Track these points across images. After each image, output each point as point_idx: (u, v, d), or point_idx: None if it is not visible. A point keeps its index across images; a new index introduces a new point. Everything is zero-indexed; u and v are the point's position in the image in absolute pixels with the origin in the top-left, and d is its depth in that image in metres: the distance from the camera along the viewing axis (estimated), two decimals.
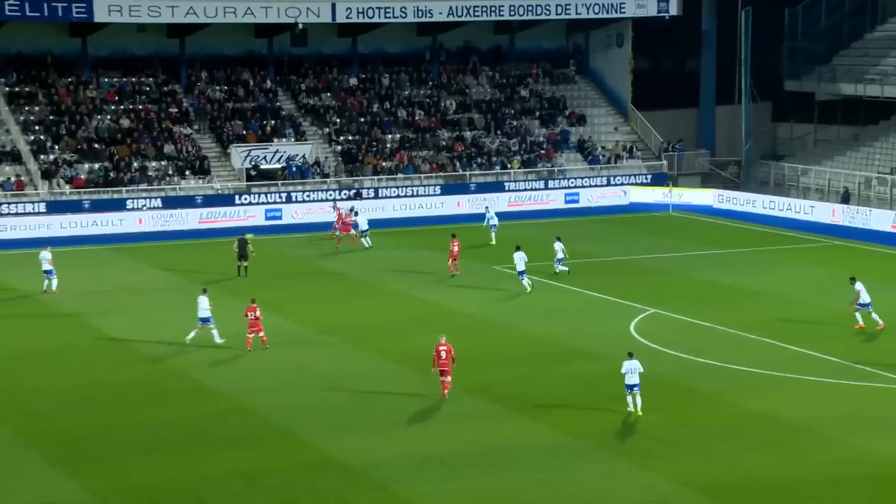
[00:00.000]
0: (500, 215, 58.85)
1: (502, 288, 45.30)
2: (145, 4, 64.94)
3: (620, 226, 63.16)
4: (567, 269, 47.51)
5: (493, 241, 53.99)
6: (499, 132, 74.53)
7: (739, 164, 75.70)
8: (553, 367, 34.59)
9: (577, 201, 70.56)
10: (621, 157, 74.52)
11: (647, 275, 48.83)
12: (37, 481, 25.40)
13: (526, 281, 44.55)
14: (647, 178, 73.18)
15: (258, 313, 35.74)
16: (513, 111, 76.41)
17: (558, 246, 47.53)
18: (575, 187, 71.42)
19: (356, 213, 55.89)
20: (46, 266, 44.35)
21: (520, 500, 24.60)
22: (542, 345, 37.13)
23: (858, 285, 38.13)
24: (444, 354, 30.96)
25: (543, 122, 76.19)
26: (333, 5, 69.05)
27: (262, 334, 35.87)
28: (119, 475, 25.79)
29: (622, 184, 72.25)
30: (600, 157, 74.11)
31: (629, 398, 29.78)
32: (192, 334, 36.23)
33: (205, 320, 36.23)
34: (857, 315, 38.27)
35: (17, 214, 59.96)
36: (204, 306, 36.25)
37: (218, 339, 36.10)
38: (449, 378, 30.95)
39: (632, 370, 29.79)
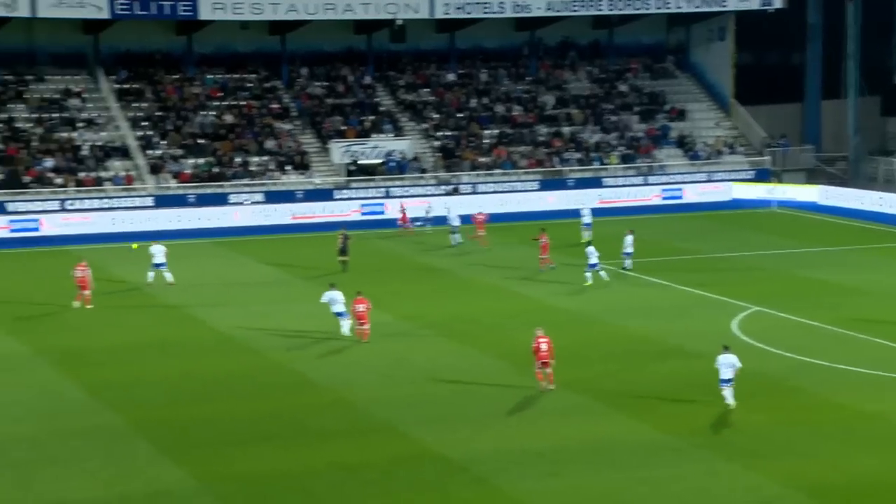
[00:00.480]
0: (598, 212, 58.52)
1: (597, 284, 44.94)
2: (248, 2, 65.95)
3: (722, 222, 62.34)
4: (629, 266, 47.08)
5: (585, 239, 53.24)
6: (597, 127, 74.07)
7: (846, 160, 74.17)
8: (652, 364, 34.26)
9: (677, 197, 69.84)
10: (722, 152, 73.56)
11: (749, 272, 48.12)
12: (147, 469, 25.94)
13: (589, 274, 44.66)
14: (749, 174, 72.11)
15: (363, 307, 36.03)
16: (612, 106, 75.85)
17: (629, 240, 47.16)
18: (675, 183, 70.73)
19: (448, 210, 55.78)
20: (160, 259, 45.19)
21: (621, 498, 24.40)
22: (641, 342, 36.81)
23: None
24: (544, 346, 30.97)
25: (643, 118, 75.52)
26: (432, 2, 69.30)
27: (366, 327, 36.20)
28: (224, 465, 26.22)
29: (724, 180, 71.31)
30: (701, 153, 73.21)
31: (725, 392, 29.38)
32: (346, 328, 36.56)
33: (340, 314, 36.62)
34: None
35: (126, 209, 61.29)
36: (339, 300, 36.60)
37: (347, 332, 36.48)
38: (550, 370, 30.94)
39: (727, 364, 29.37)
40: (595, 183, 69.65)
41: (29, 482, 25.10)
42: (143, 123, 66.92)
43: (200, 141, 66.81)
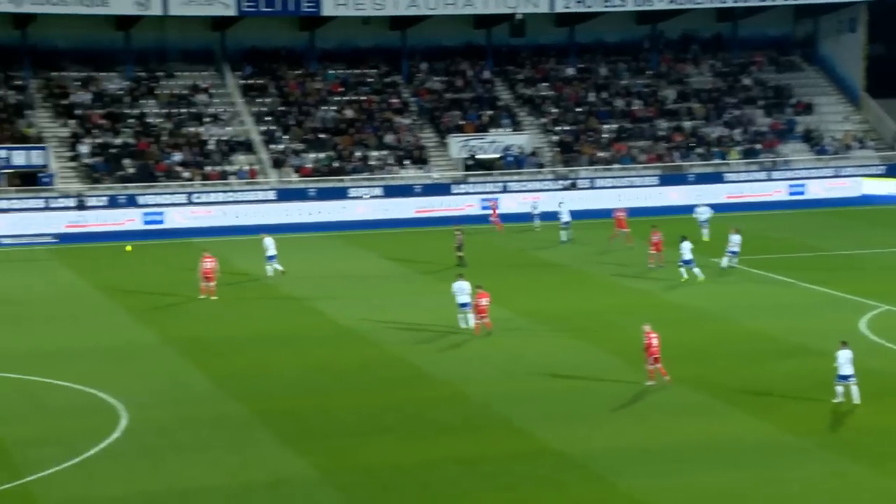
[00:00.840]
0: (718, 207, 57.67)
1: (717, 281, 44.34)
2: None
3: (850, 219, 61.01)
4: (727, 265, 45.95)
5: (706, 238, 52.53)
6: (719, 122, 72.96)
7: None
8: (774, 362, 33.62)
9: (802, 193, 68.45)
10: (851, 147, 71.83)
11: (880, 270, 46.90)
12: (270, 457, 26.44)
13: (683, 270, 44.03)
14: (881, 170, 70.29)
15: (486, 301, 36.12)
16: (735, 100, 74.68)
17: (735, 239, 46.04)
18: (801, 178, 69.34)
19: (560, 203, 55.33)
20: (271, 251, 45.99)
21: (744, 498, 23.93)
22: (762, 339, 36.15)
23: None
24: (655, 341, 30.72)
25: (767, 112, 74.17)
26: None
27: (486, 320, 36.36)
28: (344, 456, 26.57)
29: (852, 175, 69.66)
30: (828, 148, 71.62)
31: (839, 388, 28.72)
32: (470, 322, 36.81)
33: (464, 305, 36.87)
34: None
35: (249, 202, 62.51)
36: (466, 291, 36.85)
37: (472, 324, 36.73)
38: (660, 364, 30.73)
39: (846, 360, 28.69)
40: (716, 178, 68.77)
41: (159, 468, 25.79)
42: (266, 118, 68.14)
43: (321, 136, 67.76)
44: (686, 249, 44.19)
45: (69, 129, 64.83)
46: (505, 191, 65.97)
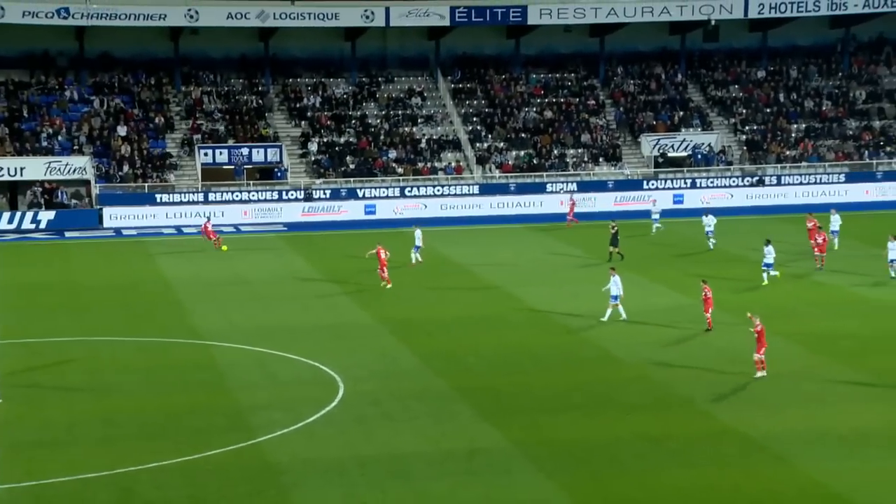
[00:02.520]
0: None
1: (772, 283, 42.06)
2: (571, 7, 66.51)
3: None
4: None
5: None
6: None
7: None
8: None
9: None
10: None
11: None
12: (468, 429, 26.64)
13: (765, 275, 41.43)
14: None
15: (709, 294, 35.14)
16: None
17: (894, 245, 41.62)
18: None
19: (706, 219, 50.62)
20: (419, 242, 46.00)
21: None
22: None
23: None
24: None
25: None
26: (746, 2, 67.50)
27: (707, 315, 35.27)
28: (536, 430, 26.54)
29: None
30: None
31: None
32: (622, 313, 36.30)
33: (615, 297, 36.51)
34: None
35: (455, 195, 63.19)
36: (617, 284, 36.48)
37: (623, 316, 36.21)
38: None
39: None
40: None
41: (370, 435, 26.38)
42: (472, 119, 68.71)
43: (522, 135, 67.86)
44: (769, 253, 41.48)
45: (301, 129, 67.00)
46: (693, 187, 64.50)
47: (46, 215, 58.77)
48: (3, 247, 53.59)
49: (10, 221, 58.20)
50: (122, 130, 64.15)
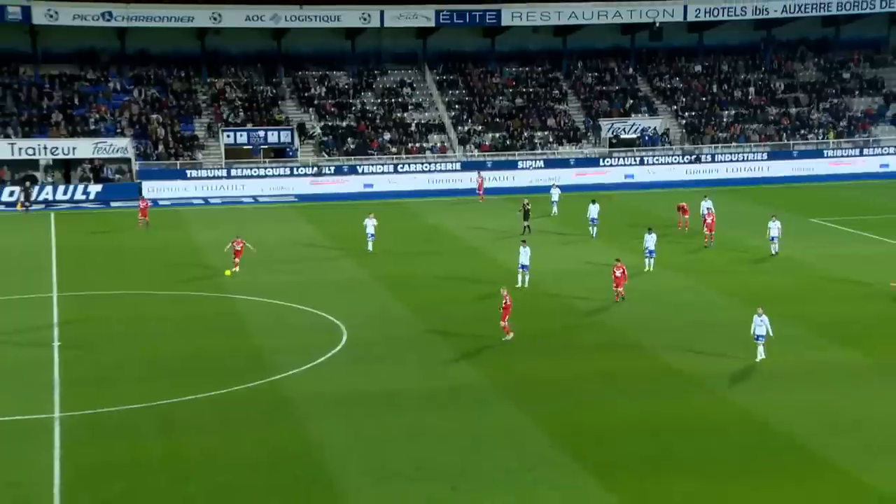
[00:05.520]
0: (819, 178, 54.84)
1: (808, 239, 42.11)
2: (539, 11, 66.14)
3: None
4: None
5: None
6: (820, 108, 69.38)
7: None
8: (861, 302, 31.91)
9: (888, 165, 64.79)
10: None
11: None
12: (452, 369, 26.37)
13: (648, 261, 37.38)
14: None
15: (620, 273, 32.41)
16: (834, 90, 70.79)
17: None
18: (888, 154, 65.44)
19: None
20: (371, 230, 41.53)
21: (830, 412, 23.04)
22: (852, 284, 34.32)
23: None
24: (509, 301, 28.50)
25: (861, 100, 70.02)
26: (685, 7, 67.20)
27: (619, 289, 32.93)
28: (509, 369, 26.45)
29: None
30: None
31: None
32: (525, 281, 35.70)
33: (523, 267, 34.39)
34: None
35: (440, 171, 62.86)
36: (527, 255, 34.47)
37: (526, 283, 35.82)
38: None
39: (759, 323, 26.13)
40: (817, 154, 65.55)
41: (369, 374, 26.44)
42: (455, 106, 68.29)
43: (497, 120, 67.51)
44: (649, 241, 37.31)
45: (308, 115, 66.49)
46: (642, 164, 64.43)
47: (95, 188, 58.30)
48: (59, 215, 53.22)
49: (65, 193, 57.75)
50: (157, 116, 63.57)
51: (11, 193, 56.13)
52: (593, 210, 44.06)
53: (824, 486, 19.66)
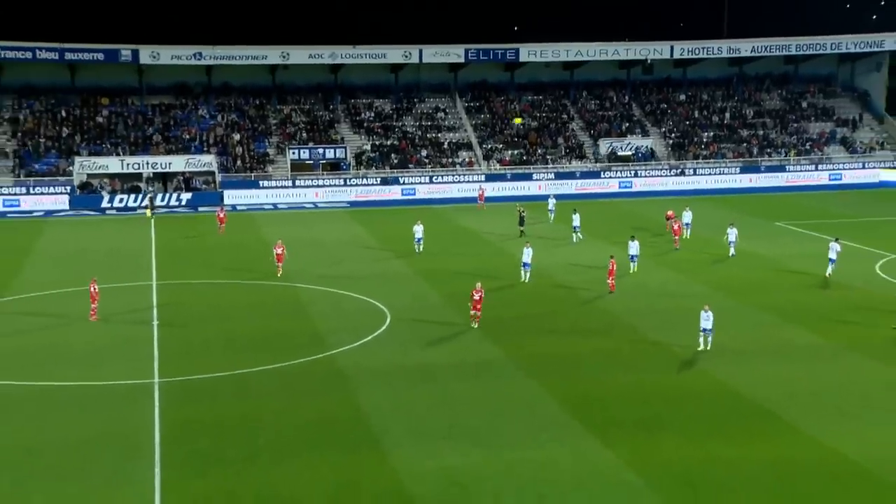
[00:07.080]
0: (780, 189, 53.97)
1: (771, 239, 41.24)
2: (550, 49, 65.97)
3: (872, 198, 56.28)
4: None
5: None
6: (783, 131, 68.35)
7: None
8: (814, 291, 31.29)
9: (839, 179, 63.76)
10: (874, 149, 66.05)
11: (893, 231, 42.81)
12: (477, 346, 26.15)
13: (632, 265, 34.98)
14: (894, 164, 64.39)
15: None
16: (794, 117, 69.74)
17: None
18: (838, 170, 64.54)
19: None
20: (419, 235, 39.55)
21: (794, 383, 22.60)
22: (807, 276, 33.65)
23: None
24: (477, 296, 27.34)
25: (817, 125, 68.87)
26: (672, 47, 66.58)
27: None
28: (523, 347, 26.06)
29: (874, 168, 64.39)
30: (858, 149, 66.16)
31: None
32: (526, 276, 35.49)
33: (525, 265, 33.76)
34: None
35: (467, 182, 62.49)
36: (529, 254, 33.68)
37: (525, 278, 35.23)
38: None
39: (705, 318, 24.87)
40: (780, 169, 64.67)
41: (408, 351, 26.26)
42: (480, 128, 68.01)
43: (515, 139, 67.15)
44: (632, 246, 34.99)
45: (359, 135, 66.50)
46: (636, 176, 63.80)
47: (186, 196, 58.70)
48: (158, 218, 53.64)
49: (163, 200, 58.26)
50: (236, 137, 63.88)
51: (121, 200, 56.92)
52: (575, 219, 42.53)
53: (786, 444, 19.43)
